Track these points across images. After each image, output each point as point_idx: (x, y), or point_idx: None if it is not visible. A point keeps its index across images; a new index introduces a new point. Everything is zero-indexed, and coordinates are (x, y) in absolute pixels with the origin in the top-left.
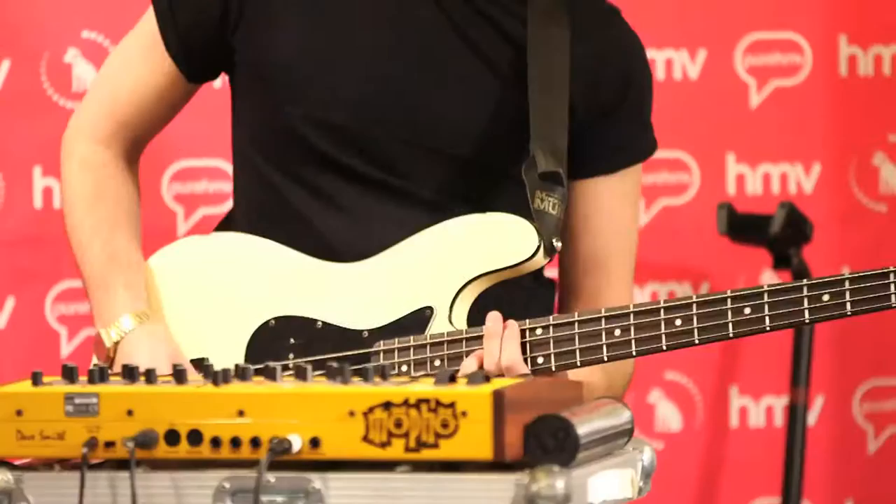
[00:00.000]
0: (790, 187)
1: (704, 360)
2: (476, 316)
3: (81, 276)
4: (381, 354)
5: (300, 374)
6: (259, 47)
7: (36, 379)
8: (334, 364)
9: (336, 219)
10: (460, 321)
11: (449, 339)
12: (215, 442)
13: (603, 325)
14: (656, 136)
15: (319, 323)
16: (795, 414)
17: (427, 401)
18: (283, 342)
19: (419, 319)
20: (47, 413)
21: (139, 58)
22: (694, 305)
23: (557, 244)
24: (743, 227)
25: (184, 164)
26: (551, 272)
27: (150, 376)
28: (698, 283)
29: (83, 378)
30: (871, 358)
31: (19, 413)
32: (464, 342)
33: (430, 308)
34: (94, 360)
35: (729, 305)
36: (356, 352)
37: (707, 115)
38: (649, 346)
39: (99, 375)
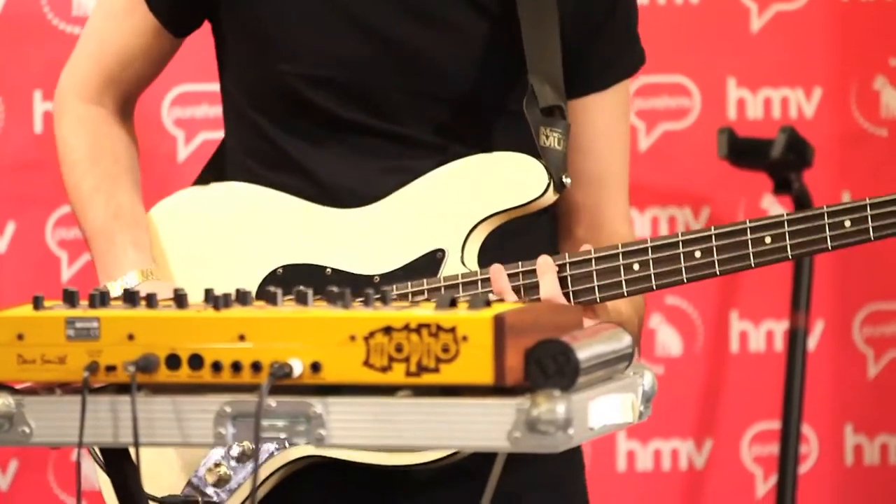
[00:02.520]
0: (791, 112)
1: (705, 286)
2: (485, 255)
3: (83, 232)
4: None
5: (301, 298)
6: (248, 4)
7: (37, 303)
8: (335, 289)
9: (337, 168)
10: (472, 262)
11: (464, 280)
12: (216, 366)
13: (621, 261)
14: (658, 61)
15: (329, 270)
16: (795, 339)
17: (428, 325)
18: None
19: (431, 262)
20: (48, 337)
21: (123, 13)
22: (713, 237)
23: (567, 180)
24: (743, 151)
25: (183, 88)
26: None
27: (151, 301)
28: (698, 207)
29: (84, 302)
30: (871, 282)
31: (20, 337)
32: (479, 283)
33: (442, 250)
34: None
35: (749, 236)
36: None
37: (708, 40)
38: (670, 279)
39: (100, 300)
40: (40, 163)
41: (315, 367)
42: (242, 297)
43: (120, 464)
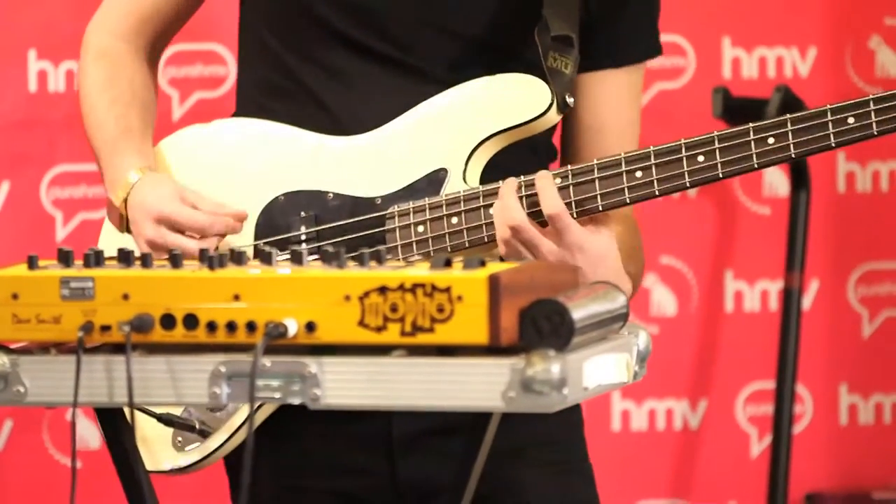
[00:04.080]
0: (786, 71)
1: (699, 245)
2: (489, 179)
3: (93, 149)
4: (396, 217)
5: (296, 258)
6: None
7: (32, 263)
8: (330, 249)
9: (348, 96)
10: (475, 181)
11: (465, 196)
12: (211, 326)
13: (623, 168)
14: None
15: (330, 194)
16: (790, 298)
17: (423, 285)
18: (295, 216)
19: (433, 181)
20: (43, 297)
21: None
22: (716, 140)
23: (570, 100)
24: (738, 110)
25: (178, 48)
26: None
27: (146, 260)
28: None
29: (79, 262)
30: (865, 242)
31: (15, 297)
32: (481, 196)
33: (444, 169)
34: (104, 232)
35: (752, 136)
36: (371, 216)
37: None
38: (672, 184)
39: (94, 259)
40: (35, 122)
41: (310, 327)
42: (237, 257)
43: (115, 423)
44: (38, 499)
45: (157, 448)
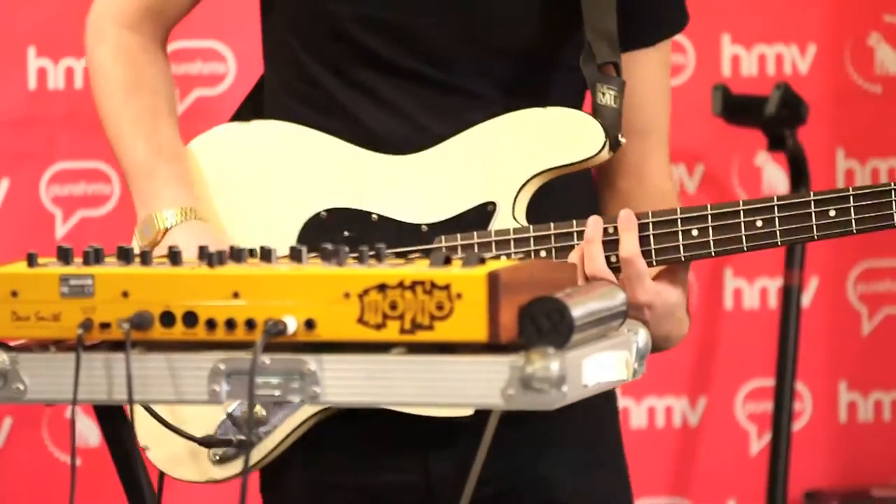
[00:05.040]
0: (785, 68)
1: None
2: (531, 210)
3: (122, 165)
4: (444, 249)
5: (295, 256)
6: None
7: (31, 260)
8: (329, 245)
9: (385, 114)
10: (521, 216)
11: (516, 237)
12: (210, 323)
13: (679, 227)
14: None
15: (375, 216)
16: (790, 296)
17: (422, 283)
18: (337, 235)
19: (482, 214)
20: (42, 294)
21: None
22: (776, 208)
23: (622, 139)
24: (738, 108)
25: (176, 45)
26: None
27: (146, 258)
28: (692, 164)
29: (78, 259)
30: (865, 239)
31: (14, 294)
32: (532, 241)
33: (493, 203)
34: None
35: (813, 209)
36: (418, 248)
37: None
38: (729, 246)
39: (94, 257)
40: (34, 119)
41: (309, 325)
42: (237, 255)
43: (114, 421)
44: (37, 496)
45: (194, 459)
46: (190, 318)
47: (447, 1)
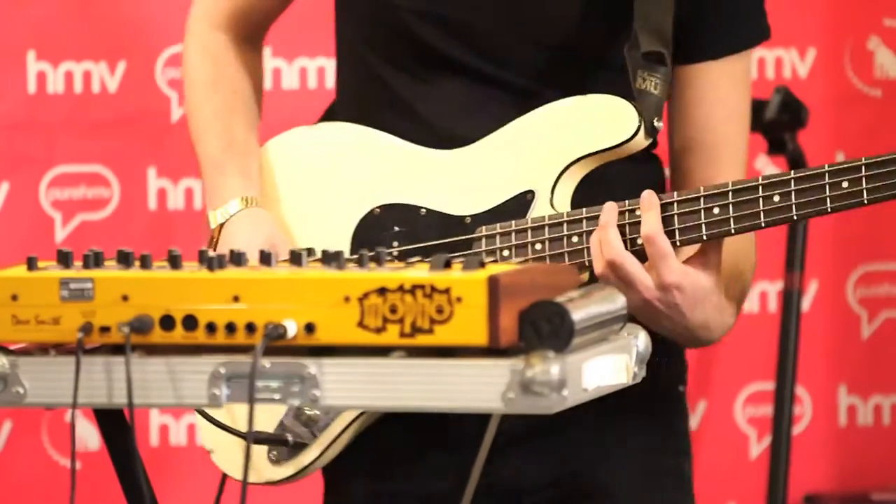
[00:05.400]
0: (785, 72)
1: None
2: (581, 198)
3: (197, 158)
4: (483, 240)
5: (295, 259)
6: None
7: (31, 264)
8: (330, 250)
9: (439, 107)
10: (563, 205)
11: (550, 222)
12: (210, 327)
13: (702, 205)
14: None
15: (423, 210)
16: (790, 299)
17: (422, 286)
18: (388, 230)
19: (521, 203)
20: (42, 298)
21: None
22: (792, 181)
23: (658, 124)
24: None
25: (178, 49)
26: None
27: (146, 261)
28: None
29: (78, 263)
30: (865, 243)
31: (14, 298)
32: (565, 225)
33: (532, 192)
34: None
35: (827, 180)
36: (459, 238)
37: None
38: (779, 216)
39: (94, 260)
40: (34, 123)
41: (309, 328)
42: (237, 258)
43: (114, 425)
44: (37, 500)
45: (253, 460)
46: (190, 322)
47: None
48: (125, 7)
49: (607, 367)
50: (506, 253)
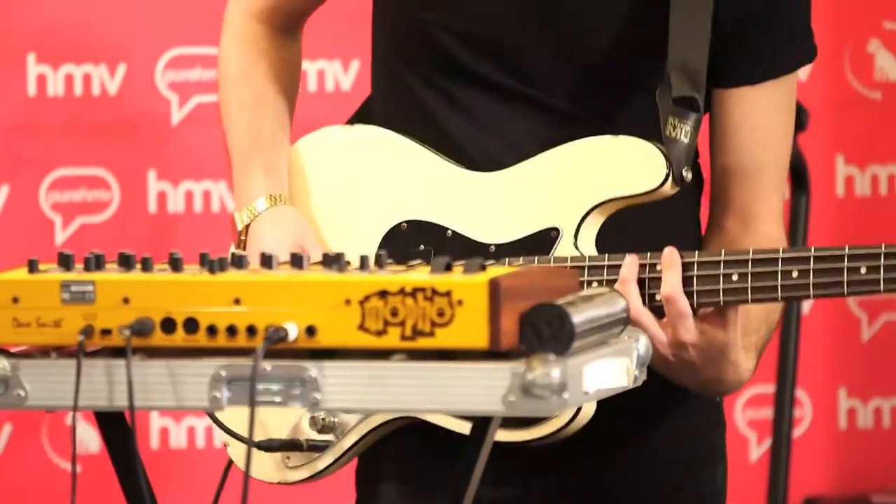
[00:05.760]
0: None
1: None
2: (609, 237)
3: (227, 151)
4: None
5: (296, 262)
6: None
7: (32, 266)
8: (330, 252)
9: (470, 126)
10: (587, 246)
11: (572, 265)
12: (211, 330)
13: (722, 270)
14: None
15: (450, 231)
16: (790, 303)
17: (423, 289)
18: (413, 246)
19: (545, 240)
20: (44, 300)
21: None
22: (812, 260)
23: (687, 175)
24: None
25: (178, 51)
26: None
27: (147, 264)
28: None
29: (79, 266)
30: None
31: (15, 300)
32: (586, 270)
33: (557, 229)
34: (232, 247)
35: (846, 264)
36: None
37: None
38: (765, 295)
39: (95, 263)
40: (34, 126)
41: (310, 331)
42: (238, 261)
43: (115, 428)
44: (37, 503)
45: (267, 460)
46: (191, 325)
47: (532, 15)
48: (125, 10)
49: (608, 371)
50: None
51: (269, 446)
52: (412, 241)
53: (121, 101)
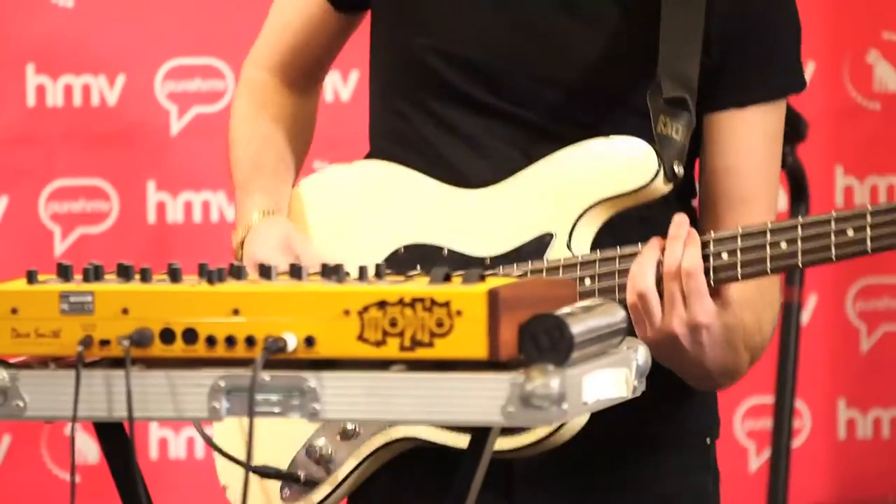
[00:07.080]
0: None
1: None
2: (606, 242)
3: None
4: None
5: (295, 273)
6: None
7: (31, 277)
8: (329, 263)
9: (462, 148)
10: (582, 248)
11: (564, 264)
12: (210, 340)
13: (711, 249)
14: None
15: (445, 250)
16: (789, 313)
17: (422, 300)
18: (410, 270)
19: (539, 245)
20: (42, 311)
21: None
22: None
23: (679, 169)
24: None
25: (177, 62)
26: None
27: (146, 274)
28: None
29: (78, 276)
30: (864, 256)
31: (14, 311)
32: (578, 267)
33: (550, 234)
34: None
35: (833, 227)
36: None
37: None
38: (755, 268)
39: (94, 274)
40: (33, 137)
41: (309, 342)
42: (237, 272)
43: (114, 438)
44: None
45: (264, 493)
46: (190, 335)
47: (526, 39)
48: (124, 20)
49: (607, 381)
50: None
51: (265, 472)
52: (410, 264)
53: (120, 112)
